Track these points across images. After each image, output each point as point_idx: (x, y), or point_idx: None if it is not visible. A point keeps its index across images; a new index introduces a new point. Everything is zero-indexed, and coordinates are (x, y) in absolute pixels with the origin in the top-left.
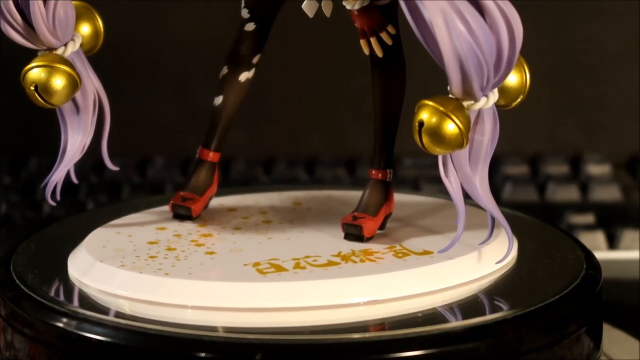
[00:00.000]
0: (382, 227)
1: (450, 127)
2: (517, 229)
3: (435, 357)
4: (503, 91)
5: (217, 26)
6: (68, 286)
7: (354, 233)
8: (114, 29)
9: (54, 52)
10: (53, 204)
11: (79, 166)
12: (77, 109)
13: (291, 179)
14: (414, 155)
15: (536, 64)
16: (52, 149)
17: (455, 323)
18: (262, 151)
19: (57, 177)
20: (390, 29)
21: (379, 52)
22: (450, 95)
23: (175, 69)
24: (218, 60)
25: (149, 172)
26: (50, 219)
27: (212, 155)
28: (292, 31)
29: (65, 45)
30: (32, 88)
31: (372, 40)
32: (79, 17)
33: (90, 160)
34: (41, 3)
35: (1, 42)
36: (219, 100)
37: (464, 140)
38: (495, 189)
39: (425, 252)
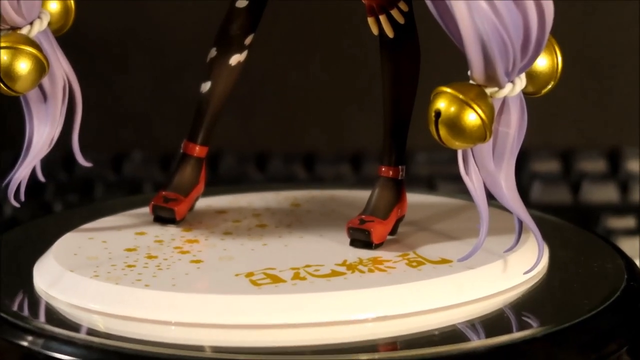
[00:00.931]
0: (393, 231)
1: (471, 118)
2: (548, 234)
3: None
4: (531, 76)
5: (202, 6)
6: (34, 299)
7: (361, 239)
8: (87, 8)
9: (18, 31)
10: (17, 205)
11: (46, 162)
12: (44, 96)
13: (288, 176)
14: (429, 149)
15: (568, 45)
16: (14, 142)
17: (478, 342)
18: (255, 145)
19: (21, 174)
20: (402, 5)
21: (389, 32)
22: (471, 82)
23: (156, 52)
24: (205, 42)
25: (125, 169)
26: (12, 222)
27: (198, 150)
28: (289, 8)
29: (31, 24)
30: None
31: (382, 18)
32: None
33: (58, 155)
34: None
35: None
36: (206, 86)
37: (487, 132)
38: (523, 188)
39: (443, 261)
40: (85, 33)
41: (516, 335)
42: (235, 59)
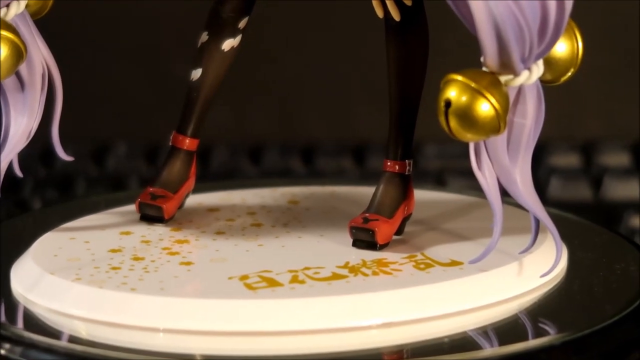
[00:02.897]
0: (399, 231)
1: (484, 108)
2: (567, 234)
3: None
4: (549, 63)
5: None
6: (11, 304)
7: (364, 239)
8: None
9: None
10: None
11: (24, 156)
12: (22, 85)
13: (285, 171)
14: (438, 142)
15: (591, 28)
16: None
17: (490, 350)
18: (249, 137)
19: None
20: None
21: (395, 15)
22: (484, 69)
23: (142, 35)
24: (196, 24)
25: (109, 163)
26: None
27: (188, 143)
28: None
29: (8, 6)
30: None
31: None
32: None
33: (37, 148)
34: None
35: None
36: (197, 74)
37: (501, 123)
38: (540, 184)
39: (453, 263)
40: (65, 16)
41: (532, 343)
42: (229, 44)
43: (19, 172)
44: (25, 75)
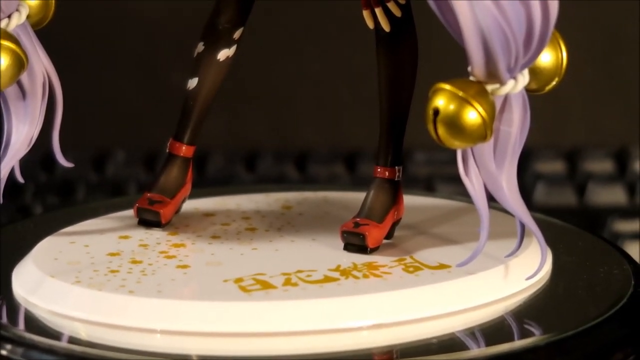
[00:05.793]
0: (389, 235)
1: (472, 116)
2: (552, 238)
3: None
4: (535, 73)
5: None
6: (12, 306)
7: (355, 243)
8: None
9: None
10: None
11: (25, 162)
12: (23, 93)
13: (279, 177)
14: (427, 149)
15: (575, 39)
16: None
17: (478, 351)
18: (244, 144)
19: None
20: None
21: (385, 26)
22: (471, 78)
23: (140, 45)
24: (192, 34)
25: (108, 169)
26: None
27: (185, 150)
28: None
29: (9, 17)
30: None
31: (378, 10)
32: None
33: (38, 155)
34: None
35: None
36: (193, 83)
37: (488, 131)
38: (525, 190)
39: (441, 266)
40: (65, 26)
41: (518, 343)
42: (224, 54)
43: (20, 179)
44: (27, 84)
